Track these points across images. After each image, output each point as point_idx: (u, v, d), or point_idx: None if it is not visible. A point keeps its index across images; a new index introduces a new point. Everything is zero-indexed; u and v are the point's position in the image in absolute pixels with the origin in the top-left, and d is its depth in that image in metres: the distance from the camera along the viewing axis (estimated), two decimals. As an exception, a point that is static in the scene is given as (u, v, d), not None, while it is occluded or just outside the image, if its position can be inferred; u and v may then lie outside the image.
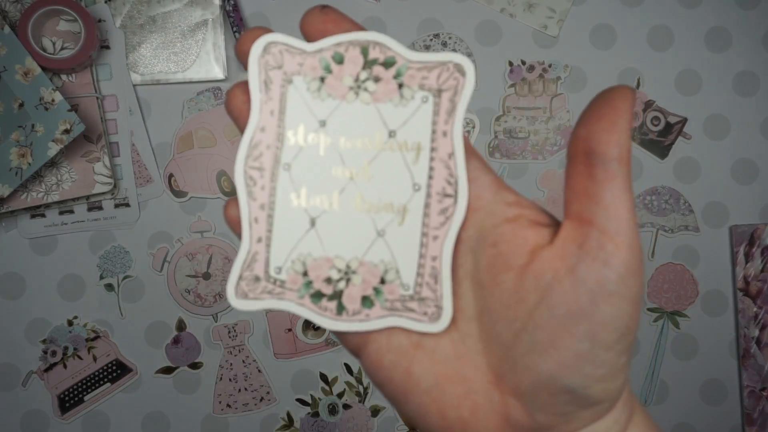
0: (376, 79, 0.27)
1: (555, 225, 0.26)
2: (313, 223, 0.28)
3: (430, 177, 0.27)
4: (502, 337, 0.26)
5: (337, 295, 0.27)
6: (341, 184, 0.28)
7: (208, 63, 0.68)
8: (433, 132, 0.27)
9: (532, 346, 0.25)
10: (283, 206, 0.28)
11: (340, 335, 0.28)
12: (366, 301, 0.27)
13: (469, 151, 0.27)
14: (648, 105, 0.71)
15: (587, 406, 0.25)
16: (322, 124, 0.28)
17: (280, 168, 0.28)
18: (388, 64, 0.27)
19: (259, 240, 0.27)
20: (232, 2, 0.68)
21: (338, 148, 0.28)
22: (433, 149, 0.27)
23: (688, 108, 0.72)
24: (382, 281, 0.28)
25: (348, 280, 0.28)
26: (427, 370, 0.27)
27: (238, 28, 0.68)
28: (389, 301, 0.27)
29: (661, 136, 0.71)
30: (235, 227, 0.28)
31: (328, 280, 0.27)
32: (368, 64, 0.27)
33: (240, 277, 0.27)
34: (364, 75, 0.27)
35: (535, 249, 0.25)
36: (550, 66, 0.71)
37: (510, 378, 0.25)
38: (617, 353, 0.24)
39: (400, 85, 0.27)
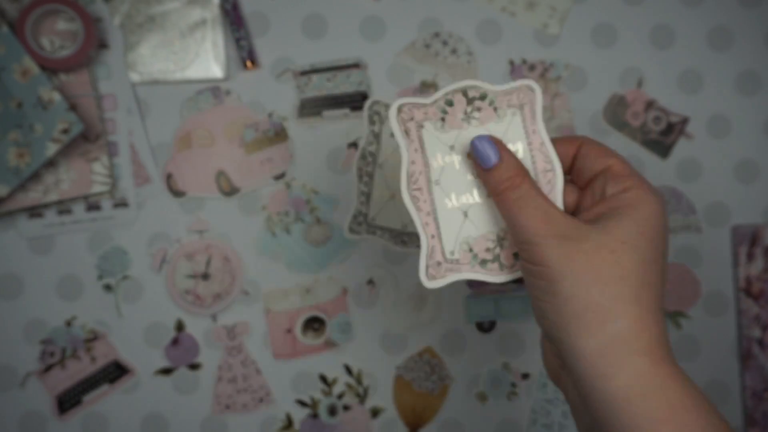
0: (479, 109, 0.40)
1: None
2: (466, 215, 0.40)
3: (534, 162, 0.40)
4: None
5: (497, 258, 0.40)
6: (476, 184, 0.40)
7: (207, 62, 0.68)
8: (526, 133, 0.40)
9: None
10: (442, 209, 0.40)
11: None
12: (517, 255, 0.40)
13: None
14: (649, 104, 0.71)
15: None
16: (452, 148, 0.40)
17: (432, 184, 0.40)
18: (483, 97, 0.40)
19: (432, 236, 0.40)
20: (231, 1, 0.68)
21: (467, 161, 0.40)
22: (529, 143, 0.40)
23: (690, 107, 0.71)
24: None
25: (501, 246, 0.40)
26: None
27: (237, 27, 0.68)
28: None
29: (662, 136, 0.71)
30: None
31: (488, 250, 0.40)
32: (470, 101, 0.40)
33: (427, 266, 0.40)
34: (469, 109, 0.40)
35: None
36: (551, 65, 0.70)
37: None
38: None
39: (495, 109, 0.40)
